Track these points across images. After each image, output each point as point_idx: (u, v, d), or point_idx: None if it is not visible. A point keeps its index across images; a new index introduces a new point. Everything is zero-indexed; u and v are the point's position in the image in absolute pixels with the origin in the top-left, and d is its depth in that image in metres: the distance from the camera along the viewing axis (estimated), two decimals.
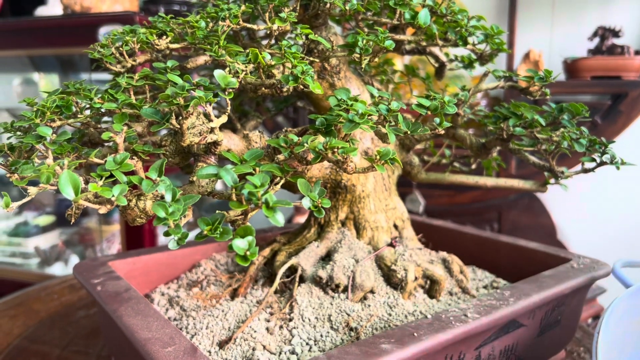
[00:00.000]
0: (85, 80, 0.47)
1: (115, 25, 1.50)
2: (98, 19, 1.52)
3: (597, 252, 1.73)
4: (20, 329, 0.86)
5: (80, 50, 1.66)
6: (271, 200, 0.33)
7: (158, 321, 0.47)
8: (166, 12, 1.78)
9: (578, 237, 1.75)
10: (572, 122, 0.57)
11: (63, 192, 0.32)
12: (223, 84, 0.38)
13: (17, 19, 1.79)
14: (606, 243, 1.74)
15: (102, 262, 0.65)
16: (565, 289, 0.58)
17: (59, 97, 0.42)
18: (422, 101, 0.42)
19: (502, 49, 0.62)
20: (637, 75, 1.52)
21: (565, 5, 1.73)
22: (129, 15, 1.51)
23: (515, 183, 0.71)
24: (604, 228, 1.75)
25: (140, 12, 1.68)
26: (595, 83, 1.52)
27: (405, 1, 0.51)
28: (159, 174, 0.36)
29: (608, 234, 1.74)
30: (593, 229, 1.76)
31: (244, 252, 0.31)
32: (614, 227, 1.74)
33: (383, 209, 0.65)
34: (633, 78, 1.51)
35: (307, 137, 0.38)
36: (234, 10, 0.46)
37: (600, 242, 1.75)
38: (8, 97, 2.51)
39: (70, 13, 1.64)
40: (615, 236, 1.74)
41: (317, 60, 0.53)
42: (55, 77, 2.38)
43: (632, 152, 1.65)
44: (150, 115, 0.38)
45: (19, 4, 1.92)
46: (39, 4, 1.81)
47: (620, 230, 1.73)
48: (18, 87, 2.45)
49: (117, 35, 0.48)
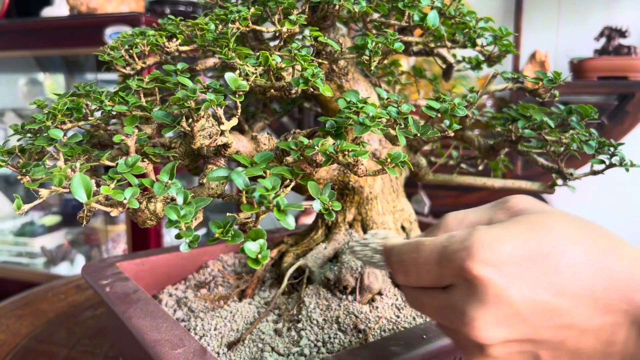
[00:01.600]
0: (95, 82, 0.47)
1: (121, 26, 1.50)
2: (104, 20, 1.53)
3: None
4: (28, 329, 0.86)
5: (86, 51, 1.67)
6: (282, 203, 0.33)
7: (167, 322, 0.47)
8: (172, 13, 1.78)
9: None
10: (581, 124, 0.57)
11: (75, 194, 0.33)
12: (234, 86, 0.38)
13: (23, 20, 1.80)
14: None
15: (110, 263, 0.65)
16: None
17: (70, 100, 0.42)
18: (432, 103, 0.42)
19: (511, 50, 0.62)
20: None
21: (571, 6, 1.72)
22: (135, 16, 1.52)
23: (523, 184, 0.71)
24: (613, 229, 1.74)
25: (146, 13, 1.68)
26: (602, 83, 1.51)
27: (415, 3, 0.51)
28: (170, 176, 0.36)
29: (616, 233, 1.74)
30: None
31: (255, 255, 0.31)
32: (619, 228, 1.73)
33: (391, 211, 0.65)
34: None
35: (317, 139, 0.38)
36: (243, 13, 0.46)
37: None
38: (14, 97, 2.53)
39: (76, 14, 1.64)
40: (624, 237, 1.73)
41: (325, 62, 0.53)
42: (60, 77, 2.39)
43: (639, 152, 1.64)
44: (161, 118, 0.38)
45: (26, 5, 1.92)
46: (45, 5, 1.82)
47: (627, 231, 1.73)
48: (24, 87, 2.46)
49: (127, 38, 0.48)
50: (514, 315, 0.30)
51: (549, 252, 0.31)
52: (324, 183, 0.56)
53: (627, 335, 0.30)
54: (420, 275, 0.34)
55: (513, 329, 0.31)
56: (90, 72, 2.16)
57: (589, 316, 0.30)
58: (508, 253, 0.31)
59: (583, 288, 0.30)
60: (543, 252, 0.31)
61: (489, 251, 0.31)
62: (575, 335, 0.31)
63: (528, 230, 0.32)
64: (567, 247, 0.31)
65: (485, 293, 0.30)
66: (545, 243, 0.31)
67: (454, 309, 0.32)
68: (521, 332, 0.31)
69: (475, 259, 0.31)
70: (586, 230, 0.33)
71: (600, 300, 0.30)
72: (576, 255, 0.31)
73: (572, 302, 0.30)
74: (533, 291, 0.30)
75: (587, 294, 0.30)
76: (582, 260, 0.31)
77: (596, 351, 0.31)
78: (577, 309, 0.30)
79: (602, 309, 0.30)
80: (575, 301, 0.30)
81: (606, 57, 1.53)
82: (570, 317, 0.30)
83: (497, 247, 0.31)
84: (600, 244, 0.32)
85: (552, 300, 0.30)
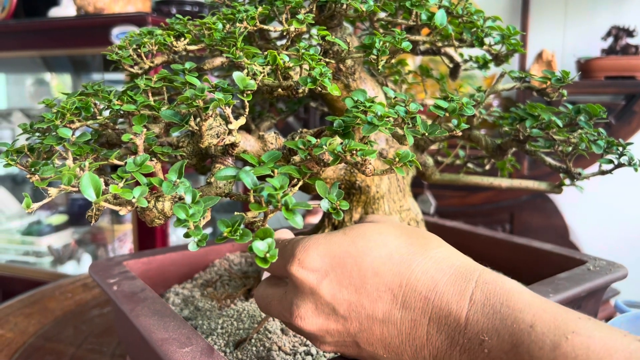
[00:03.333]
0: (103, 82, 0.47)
1: (128, 26, 1.51)
2: (111, 20, 1.53)
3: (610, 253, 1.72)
4: (36, 327, 0.87)
5: (93, 51, 1.67)
6: (291, 202, 0.33)
7: (175, 321, 0.47)
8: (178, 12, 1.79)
9: (591, 238, 1.74)
10: (589, 124, 0.56)
11: (84, 193, 0.33)
12: (242, 85, 0.38)
13: (31, 20, 1.81)
14: (619, 244, 1.73)
15: (117, 261, 0.65)
16: (582, 292, 0.58)
17: (78, 99, 0.42)
18: (440, 102, 0.42)
19: (518, 49, 0.62)
20: None
21: (578, 5, 1.71)
22: (141, 16, 1.52)
23: (530, 184, 0.70)
24: (617, 229, 1.73)
25: (153, 13, 1.69)
26: (609, 83, 1.50)
27: (422, 2, 0.51)
28: (178, 175, 0.36)
29: (621, 235, 1.73)
30: (606, 230, 1.75)
31: (264, 254, 0.31)
32: (627, 228, 1.72)
33: (397, 210, 0.65)
34: None
35: (325, 139, 0.38)
36: (251, 12, 0.46)
37: (614, 243, 1.73)
38: (22, 97, 2.54)
39: (83, 14, 1.65)
40: (628, 237, 1.72)
41: (332, 62, 0.53)
42: (67, 77, 2.40)
43: None
44: (169, 117, 0.38)
45: (33, 5, 1.93)
46: (53, 5, 1.83)
47: (634, 231, 1.72)
48: (31, 87, 2.48)
49: (135, 37, 0.48)
50: (326, 307, 0.36)
51: (356, 254, 0.36)
52: (331, 182, 0.56)
53: (427, 331, 0.34)
54: (271, 269, 0.40)
55: (328, 319, 0.36)
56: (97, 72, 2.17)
57: (388, 309, 0.35)
58: (320, 254, 0.36)
59: (382, 285, 0.35)
60: (351, 254, 0.36)
61: (304, 253, 0.36)
62: (379, 326, 0.35)
63: (342, 235, 0.37)
64: (373, 249, 0.36)
65: (302, 289, 0.36)
66: (354, 246, 0.36)
67: (285, 301, 0.38)
68: (335, 322, 0.36)
69: (295, 261, 0.36)
70: (401, 235, 0.37)
71: (398, 297, 0.35)
72: (379, 255, 0.36)
73: (371, 297, 0.35)
74: (338, 287, 0.35)
75: (386, 290, 0.35)
76: (384, 260, 0.35)
77: (403, 342, 0.35)
78: (375, 303, 0.35)
79: (400, 304, 0.35)
80: (373, 296, 0.35)
81: (613, 57, 1.52)
82: (371, 310, 0.35)
83: (312, 249, 0.36)
84: (410, 249, 0.36)
85: (353, 295, 0.35)
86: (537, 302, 0.32)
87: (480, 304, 0.33)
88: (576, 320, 0.31)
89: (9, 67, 2.35)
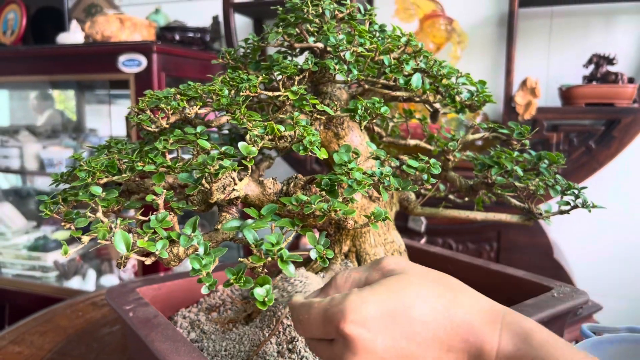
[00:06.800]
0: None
1: (134, 53, 1.59)
2: (118, 48, 1.62)
3: (594, 269, 1.79)
4: (50, 344, 0.94)
5: (101, 77, 1.75)
6: (285, 254, 0.41)
7: (185, 346, 0.54)
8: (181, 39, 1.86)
9: (575, 255, 1.81)
10: (549, 170, 0.64)
11: (117, 248, 0.41)
12: (245, 152, 0.46)
13: (40, 47, 1.89)
14: (603, 260, 1.80)
15: (130, 288, 0.73)
16: (545, 317, 0.65)
17: (107, 159, 0.50)
18: (411, 162, 0.50)
19: (489, 100, 0.70)
20: (629, 102, 1.59)
21: (561, 34, 1.80)
22: (147, 45, 1.60)
23: (503, 217, 0.78)
24: (601, 245, 1.81)
25: (157, 41, 1.77)
26: (589, 109, 1.59)
27: (400, 67, 0.59)
28: (192, 229, 0.44)
29: (605, 251, 1.80)
30: (590, 247, 1.82)
31: (262, 299, 0.39)
32: (610, 244, 1.80)
33: (382, 243, 0.73)
34: (626, 105, 1.58)
35: (314, 197, 0.45)
36: (253, 82, 0.54)
37: (598, 259, 1.81)
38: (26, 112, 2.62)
39: (91, 42, 1.73)
40: (612, 252, 1.80)
41: (322, 117, 0.61)
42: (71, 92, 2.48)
43: (627, 175, 1.71)
44: (185, 179, 0.46)
45: (41, 30, 2.01)
46: (60, 30, 1.91)
47: (617, 246, 1.79)
48: (34, 101, 2.55)
49: (152, 99, 0.56)
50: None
51: (403, 308, 0.40)
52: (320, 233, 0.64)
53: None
54: (312, 331, 0.43)
55: None
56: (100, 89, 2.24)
57: (437, 356, 0.40)
58: (371, 312, 0.40)
59: (431, 334, 0.40)
60: (398, 309, 0.40)
61: (356, 312, 0.39)
62: None
63: (388, 291, 0.41)
64: (418, 303, 0.41)
65: (355, 346, 0.39)
66: (400, 301, 0.41)
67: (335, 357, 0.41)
68: None
69: (347, 320, 0.39)
70: (435, 286, 0.43)
71: (444, 343, 0.40)
72: (425, 309, 0.41)
73: (423, 346, 0.40)
74: (392, 341, 0.39)
75: (434, 338, 0.40)
76: (429, 313, 0.41)
77: None
78: (427, 351, 0.40)
79: (446, 349, 0.40)
80: (425, 345, 0.40)
81: (593, 85, 1.60)
82: (423, 357, 0.40)
83: (363, 308, 0.40)
84: (446, 298, 0.42)
85: (407, 346, 0.40)
86: (551, 341, 0.40)
87: (506, 342, 0.40)
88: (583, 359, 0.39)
89: (14, 86, 2.43)
